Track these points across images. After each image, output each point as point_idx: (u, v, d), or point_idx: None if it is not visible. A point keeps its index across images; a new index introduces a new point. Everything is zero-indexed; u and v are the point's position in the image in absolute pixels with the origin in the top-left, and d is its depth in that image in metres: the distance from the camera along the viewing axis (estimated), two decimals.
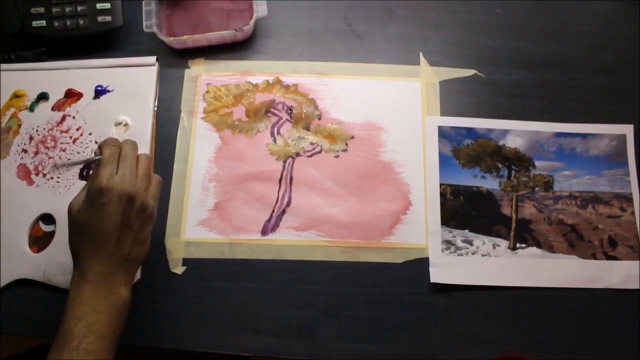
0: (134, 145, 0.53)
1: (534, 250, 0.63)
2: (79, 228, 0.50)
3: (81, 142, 0.65)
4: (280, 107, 0.68)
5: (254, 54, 0.70)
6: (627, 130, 0.68)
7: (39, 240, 0.61)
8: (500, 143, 0.67)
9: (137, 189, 0.50)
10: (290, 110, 0.67)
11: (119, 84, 0.67)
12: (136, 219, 0.51)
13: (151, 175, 0.54)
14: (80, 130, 0.65)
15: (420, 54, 0.70)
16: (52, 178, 0.63)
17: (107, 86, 0.67)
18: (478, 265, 0.62)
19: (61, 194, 0.62)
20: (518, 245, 0.63)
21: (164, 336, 0.59)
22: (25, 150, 0.65)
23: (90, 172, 0.53)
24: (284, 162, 0.65)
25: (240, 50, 0.70)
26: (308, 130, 0.67)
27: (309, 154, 0.66)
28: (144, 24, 0.67)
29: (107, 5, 0.67)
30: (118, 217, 0.49)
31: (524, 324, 0.60)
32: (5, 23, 0.66)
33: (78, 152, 0.64)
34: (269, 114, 0.67)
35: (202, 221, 0.63)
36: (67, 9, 0.66)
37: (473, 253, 0.62)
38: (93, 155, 0.53)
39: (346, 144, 0.66)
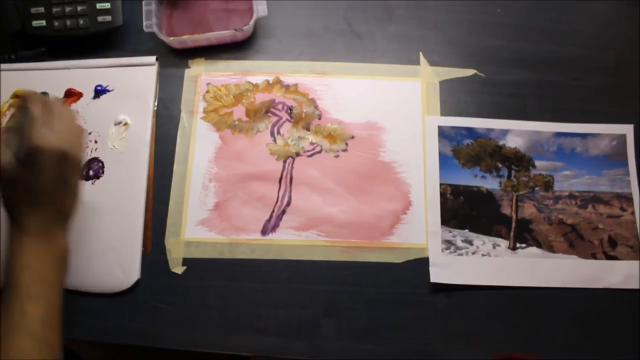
0: (61, 101, 0.55)
1: (534, 250, 0.63)
2: (14, 186, 0.50)
3: None
4: (280, 107, 0.68)
5: (254, 54, 0.70)
6: (627, 130, 0.68)
7: None
8: (500, 143, 0.67)
9: (71, 145, 0.51)
10: (290, 110, 0.67)
11: (118, 84, 0.67)
12: (72, 175, 0.52)
13: (79, 128, 0.55)
14: None
15: (420, 53, 0.70)
16: None
17: (107, 86, 0.67)
18: (478, 265, 0.62)
19: None
20: (518, 245, 0.63)
21: (164, 336, 0.59)
22: None
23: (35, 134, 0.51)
24: (284, 162, 0.65)
25: (240, 50, 0.70)
26: (308, 130, 0.67)
27: (309, 153, 0.66)
28: (144, 23, 0.67)
29: (107, 5, 0.67)
30: (55, 175, 0.50)
31: (524, 324, 0.60)
32: (5, 23, 0.66)
33: None
34: (269, 114, 0.67)
35: (202, 221, 0.63)
36: (67, 9, 0.66)
37: (473, 253, 0.62)
38: (17, 117, 0.52)
39: (346, 144, 0.66)
